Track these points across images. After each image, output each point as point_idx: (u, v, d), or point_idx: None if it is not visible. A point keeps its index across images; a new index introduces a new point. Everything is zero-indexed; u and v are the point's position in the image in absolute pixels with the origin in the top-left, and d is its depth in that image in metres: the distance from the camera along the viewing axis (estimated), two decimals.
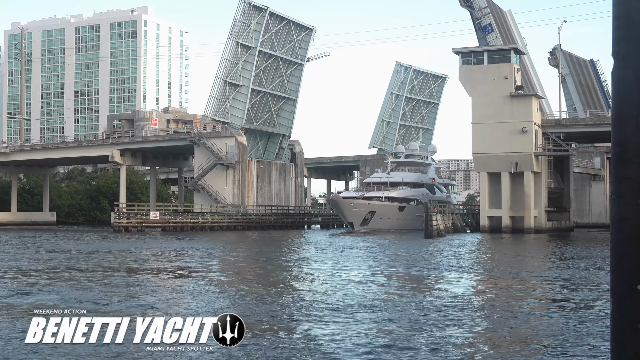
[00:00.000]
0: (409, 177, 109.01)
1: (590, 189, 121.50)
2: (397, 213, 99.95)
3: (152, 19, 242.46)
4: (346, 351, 17.26)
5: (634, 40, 4.52)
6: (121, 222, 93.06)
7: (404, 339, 18.77)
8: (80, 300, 25.08)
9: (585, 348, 17.61)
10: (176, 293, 28.33)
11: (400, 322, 21.32)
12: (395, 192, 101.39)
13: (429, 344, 17.97)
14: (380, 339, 18.67)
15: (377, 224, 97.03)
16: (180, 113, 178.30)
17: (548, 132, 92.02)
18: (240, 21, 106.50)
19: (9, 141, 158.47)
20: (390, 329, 20.07)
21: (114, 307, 23.68)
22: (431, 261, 45.66)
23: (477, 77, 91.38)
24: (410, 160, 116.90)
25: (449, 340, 18.55)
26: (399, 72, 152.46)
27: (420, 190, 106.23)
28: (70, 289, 29.07)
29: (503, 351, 17.48)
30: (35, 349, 15.95)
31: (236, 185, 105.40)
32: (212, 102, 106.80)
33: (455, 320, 21.80)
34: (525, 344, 18.16)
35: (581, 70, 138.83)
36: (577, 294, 28.41)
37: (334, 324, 20.86)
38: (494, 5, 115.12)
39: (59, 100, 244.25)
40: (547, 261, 46.90)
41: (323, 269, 39.66)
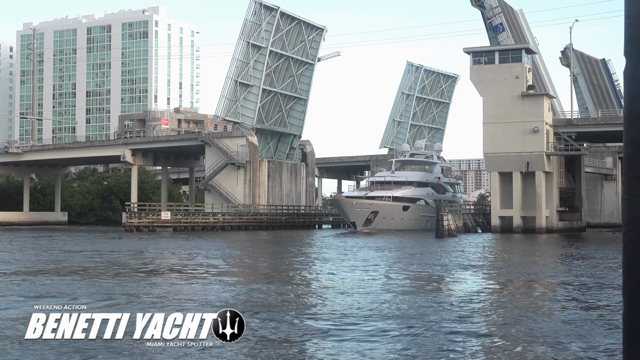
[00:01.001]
0: (413, 176, 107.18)
1: (602, 188, 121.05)
2: (401, 213, 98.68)
3: (163, 19, 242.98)
4: (349, 351, 17.26)
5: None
6: (132, 222, 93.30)
7: (411, 337, 18.75)
8: (91, 298, 25.16)
9: (597, 348, 17.55)
10: (184, 291, 28.38)
11: (412, 322, 21.30)
12: (399, 192, 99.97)
13: (445, 346, 17.96)
14: (387, 339, 18.66)
15: (380, 224, 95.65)
16: (192, 113, 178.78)
17: (559, 131, 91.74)
18: (251, 21, 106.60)
19: (21, 141, 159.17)
20: (396, 331, 20.03)
21: (123, 303, 23.74)
22: (444, 261, 45.58)
23: (489, 77, 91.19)
24: (415, 159, 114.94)
25: (462, 342, 18.53)
26: (410, 71, 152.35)
27: (425, 190, 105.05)
28: (84, 286, 29.18)
29: (518, 350, 17.45)
30: (35, 344, 15.99)
31: (247, 185, 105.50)
32: (223, 102, 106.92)
33: (469, 321, 21.79)
34: (539, 344, 18.10)
35: (593, 69, 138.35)
36: (589, 294, 28.31)
37: (340, 323, 20.87)
38: (505, 5, 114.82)
39: (71, 100, 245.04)
40: (560, 261, 46.73)
41: (335, 268, 39.66)
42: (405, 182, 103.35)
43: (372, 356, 16.61)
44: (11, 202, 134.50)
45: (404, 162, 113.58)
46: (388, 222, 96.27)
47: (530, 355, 16.91)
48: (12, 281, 31.55)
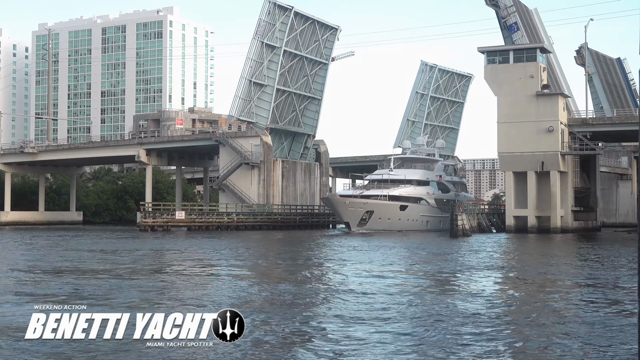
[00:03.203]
0: (413, 174, 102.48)
1: (617, 188, 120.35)
2: (398, 213, 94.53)
3: (177, 19, 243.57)
4: (353, 350, 17.23)
5: None
6: (147, 222, 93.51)
7: (420, 335, 18.72)
8: (107, 297, 25.23)
9: (612, 348, 17.46)
10: (197, 290, 28.43)
11: (431, 324, 21.27)
12: (396, 191, 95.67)
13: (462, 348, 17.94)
14: (395, 340, 18.63)
15: (376, 224, 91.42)
16: (206, 113, 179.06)
17: (574, 131, 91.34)
18: (265, 21, 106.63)
19: (37, 141, 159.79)
20: (405, 333, 20.00)
21: (132, 302, 23.80)
22: (463, 262, 45.48)
23: (503, 76, 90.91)
24: (415, 157, 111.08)
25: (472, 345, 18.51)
26: (424, 71, 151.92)
27: (425, 189, 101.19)
28: (101, 285, 29.31)
29: (534, 351, 17.40)
30: (35, 344, 16.00)
31: (261, 184, 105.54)
32: (238, 102, 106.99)
33: (488, 323, 21.74)
34: (554, 344, 18.04)
35: (608, 68, 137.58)
36: (604, 295, 28.17)
37: (351, 323, 20.85)
38: (520, 4, 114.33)
39: (86, 100, 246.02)
40: (577, 262, 46.49)
41: (349, 268, 39.66)
42: (403, 180, 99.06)
43: (385, 355, 16.59)
44: (27, 201, 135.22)
45: (404, 159, 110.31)
46: (384, 223, 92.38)
47: (545, 357, 16.86)
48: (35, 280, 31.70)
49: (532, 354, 17.09)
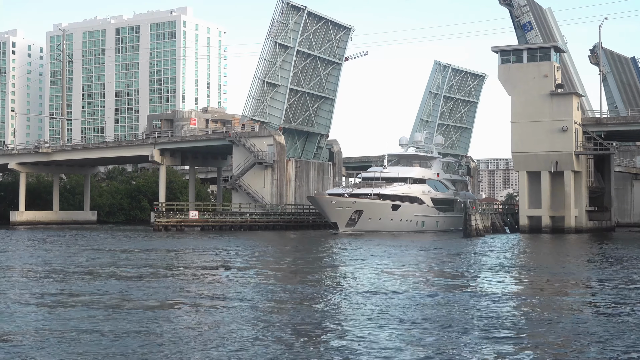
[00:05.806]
0: (408, 172, 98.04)
1: (632, 188, 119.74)
2: (390, 212, 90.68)
3: (191, 20, 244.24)
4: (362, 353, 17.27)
5: None
6: (161, 221, 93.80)
7: (435, 332, 18.75)
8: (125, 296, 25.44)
9: (626, 350, 17.44)
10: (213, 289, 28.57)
11: (446, 324, 21.29)
12: (388, 189, 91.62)
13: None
14: (409, 341, 18.68)
15: (365, 225, 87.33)
16: (219, 113, 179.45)
17: (589, 130, 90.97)
18: (279, 21, 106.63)
19: (51, 141, 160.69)
20: (420, 332, 20.04)
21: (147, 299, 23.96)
22: (479, 262, 45.45)
23: (517, 76, 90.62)
24: (411, 154, 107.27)
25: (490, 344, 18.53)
26: (437, 70, 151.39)
27: (421, 187, 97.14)
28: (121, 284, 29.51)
29: (552, 352, 17.41)
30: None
31: (274, 184, 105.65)
32: (251, 102, 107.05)
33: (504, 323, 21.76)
34: (571, 346, 18.04)
35: (622, 68, 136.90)
36: (619, 296, 28.11)
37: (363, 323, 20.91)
38: (534, 3, 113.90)
39: (100, 100, 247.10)
40: (592, 262, 46.36)
41: (364, 268, 39.72)
42: (397, 178, 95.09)
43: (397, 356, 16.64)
44: (41, 201, 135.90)
45: (400, 156, 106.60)
46: (375, 223, 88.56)
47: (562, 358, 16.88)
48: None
49: (551, 354, 17.10)
